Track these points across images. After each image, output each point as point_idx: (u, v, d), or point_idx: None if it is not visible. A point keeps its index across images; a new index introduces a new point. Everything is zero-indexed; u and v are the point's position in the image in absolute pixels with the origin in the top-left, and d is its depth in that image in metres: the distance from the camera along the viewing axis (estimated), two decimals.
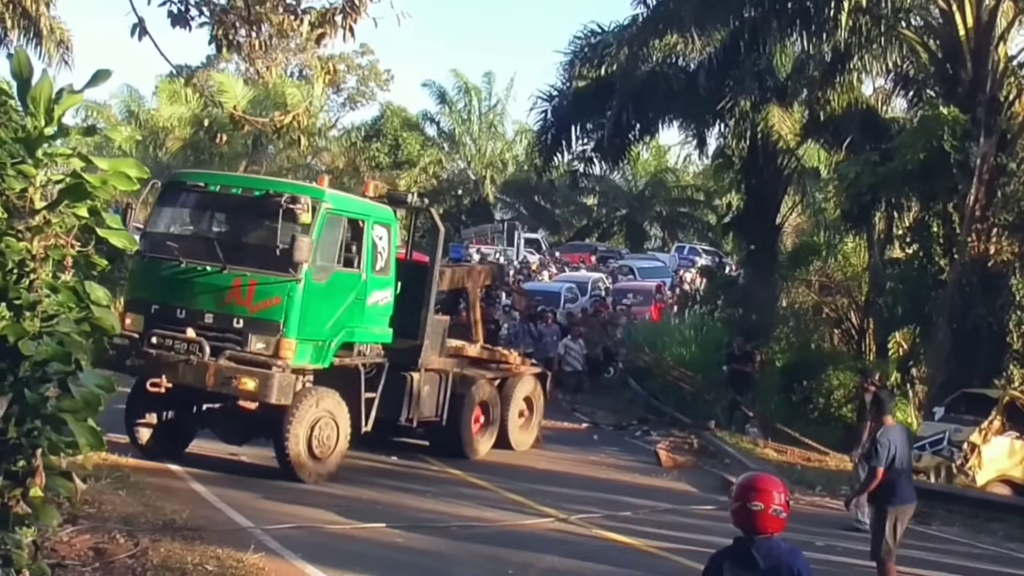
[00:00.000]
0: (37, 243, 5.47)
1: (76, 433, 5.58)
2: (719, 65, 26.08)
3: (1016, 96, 24.20)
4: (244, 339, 13.97)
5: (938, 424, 21.06)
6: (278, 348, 13.88)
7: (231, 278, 14.08)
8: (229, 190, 15.25)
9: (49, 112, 5.42)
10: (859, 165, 25.55)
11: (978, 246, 23.94)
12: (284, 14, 8.54)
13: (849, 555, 14.11)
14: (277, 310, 13.94)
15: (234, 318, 14.03)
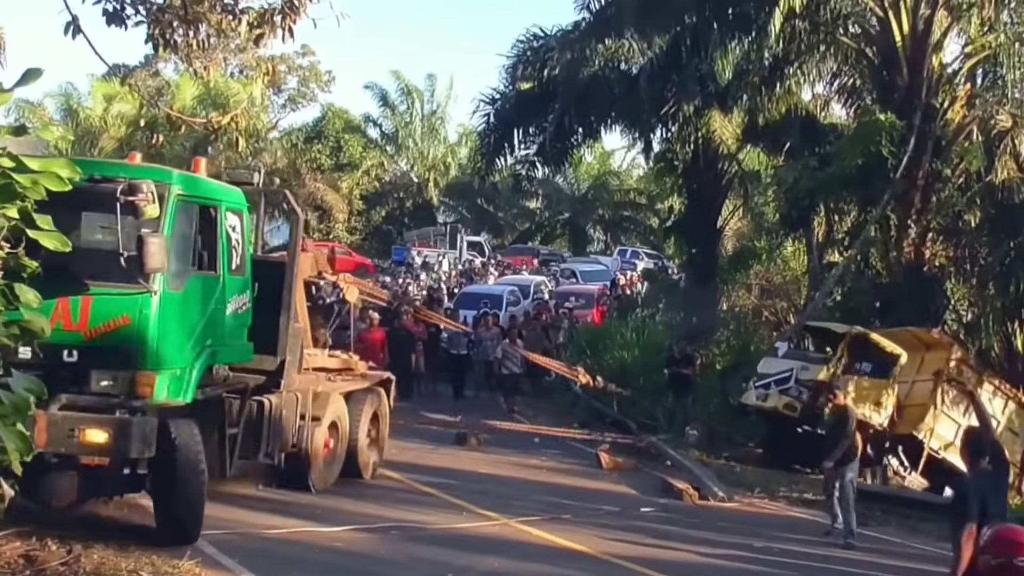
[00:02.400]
0: None
1: (4, 438, 5.50)
2: (661, 70, 26.26)
3: (951, 103, 24.59)
4: (81, 376, 10.35)
5: (783, 361, 21.39)
6: (133, 385, 10.43)
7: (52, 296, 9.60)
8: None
9: None
10: (798, 170, 25.86)
11: (914, 251, 24.32)
12: (222, 14, 8.47)
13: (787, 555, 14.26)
14: (125, 333, 10.38)
15: (63, 349, 10.10)
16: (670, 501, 17.74)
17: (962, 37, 25.44)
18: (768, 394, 21.05)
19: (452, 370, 27.70)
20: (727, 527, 15.87)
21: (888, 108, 24.33)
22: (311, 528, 12.68)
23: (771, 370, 21.48)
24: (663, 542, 14.31)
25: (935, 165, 24.15)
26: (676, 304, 30.29)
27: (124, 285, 10.44)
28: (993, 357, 22.66)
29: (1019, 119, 23.60)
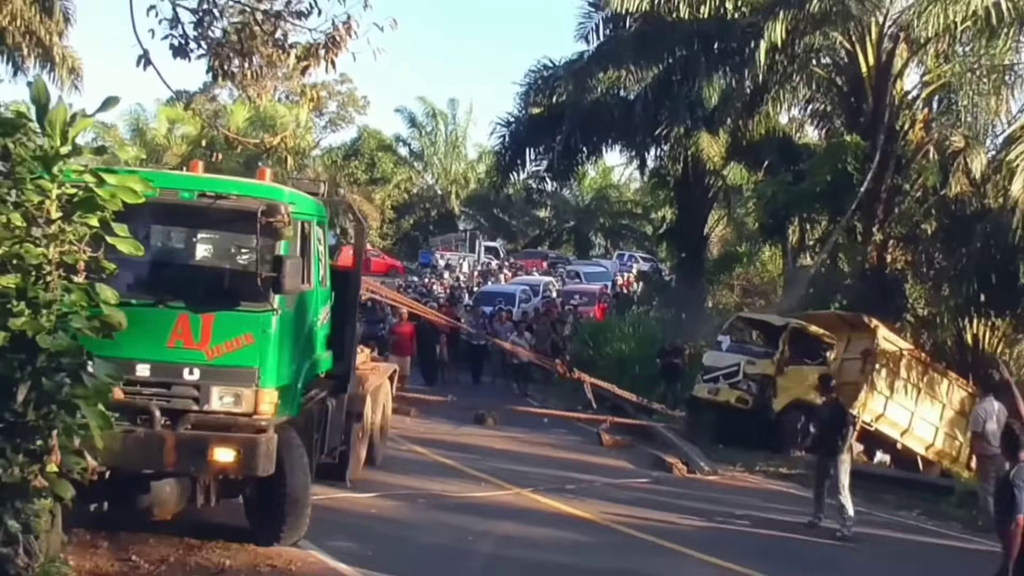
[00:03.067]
0: (53, 249, 5.46)
1: (88, 416, 5.58)
2: (655, 96, 26.22)
3: (910, 126, 24.54)
4: (203, 395, 9.23)
5: (729, 355, 20.83)
6: (255, 402, 9.34)
7: (173, 314, 9.15)
8: (172, 195, 9.24)
9: (64, 134, 5.42)
10: (775, 185, 25.88)
11: (877, 255, 24.29)
12: (273, 48, 8.53)
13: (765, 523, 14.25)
14: (249, 352, 9.27)
15: (184, 368, 9.15)
16: (662, 474, 17.75)
17: (920, 68, 25.37)
18: (719, 388, 20.58)
19: (471, 359, 27.75)
20: (712, 497, 15.87)
21: (855, 130, 24.31)
22: (347, 495, 12.67)
23: (718, 364, 20.96)
24: (656, 510, 14.31)
25: (896, 180, 24.12)
26: (668, 302, 30.23)
27: (248, 304, 9.34)
28: (947, 349, 22.62)
29: (971, 140, 23.52)
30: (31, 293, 5.36)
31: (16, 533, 5.45)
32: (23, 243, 5.37)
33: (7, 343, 5.26)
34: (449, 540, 11.39)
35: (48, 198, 5.39)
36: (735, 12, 24.66)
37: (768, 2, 23.90)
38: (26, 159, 5.31)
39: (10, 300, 5.36)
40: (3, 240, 5.33)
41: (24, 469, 5.45)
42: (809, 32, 23.72)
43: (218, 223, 9.96)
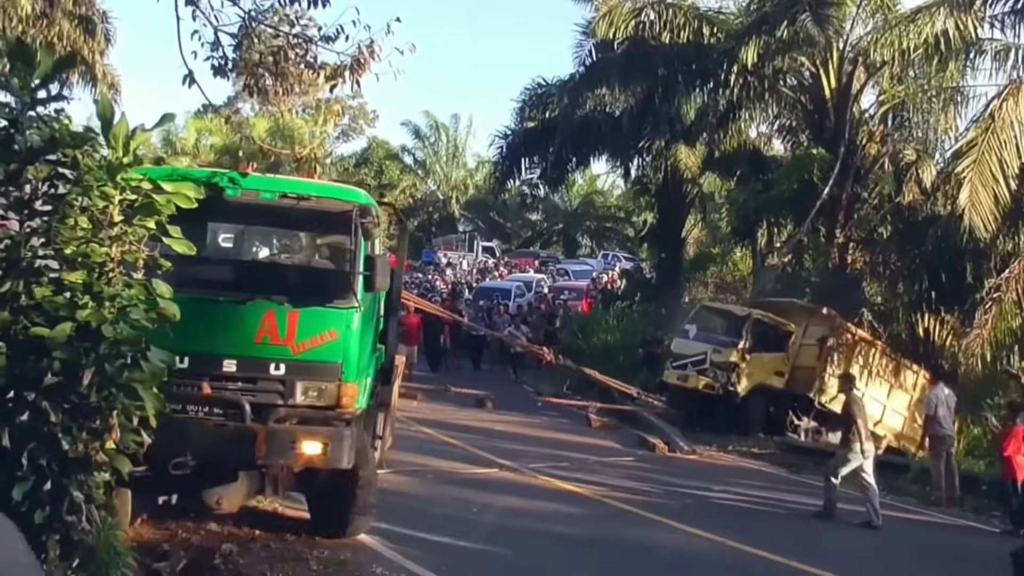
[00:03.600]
0: (115, 248, 5.50)
1: (145, 398, 5.63)
2: (639, 113, 26.27)
3: (868, 140, 24.64)
4: (288, 390, 8.59)
5: (696, 344, 20.62)
6: (339, 396, 8.71)
7: (260, 310, 8.48)
8: (253, 196, 8.77)
9: (126, 146, 5.47)
10: (746, 192, 25.97)
11: (838, 256, 24.38)
12: (305, 69, 8.58)
13: (740, 497, 14.34)
14: (333, 348, 8.62)
15: (271, 363, 8.49)
16: (645, 453, 17.84)
17: (877, 88, 25.45)
18: (688, 375, 20.46)
19: (471, 348, 27.80)
20: (691, 473, 15.97)
21: (818, 144, 24.41)
22: None
23: (686, 352, 20.76)
24: (641, 485, 14.40)
25: (855, 189, 24.21)
26: (648, 297, 30.27)
27: (336, 302, 8.69)
28: (902, 341, 22.73)
29: (922, 154, 23.68)
30: (96, 288, 5.40)
31: (80, 503, 5.48)
32: (89, 243, 5.41)
33: (74, 332, 5.30)
34: (455, 511, 11.44)
35: (111, 203, 5.42)
36: (711, 38, 24.69)
37: (741, 29, 24.00)
38: (92, 168, 5.35)
39: (77, 294, 5.40)
40: (72, 241, 5.37)
41: (87, 445, 5.48)
42: (777, 56, 23.78)
43: (302, 223, 9.56)
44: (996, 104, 18.64)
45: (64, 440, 5.33)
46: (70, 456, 5.40)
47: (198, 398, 8.22)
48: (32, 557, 4.78)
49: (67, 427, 5.39)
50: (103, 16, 24.89)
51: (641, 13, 24.80)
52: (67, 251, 5.42)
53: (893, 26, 22.67)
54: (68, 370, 5.34)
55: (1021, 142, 18.02)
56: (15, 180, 5.31)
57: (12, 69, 5.24)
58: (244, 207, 8.73)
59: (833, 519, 12.93)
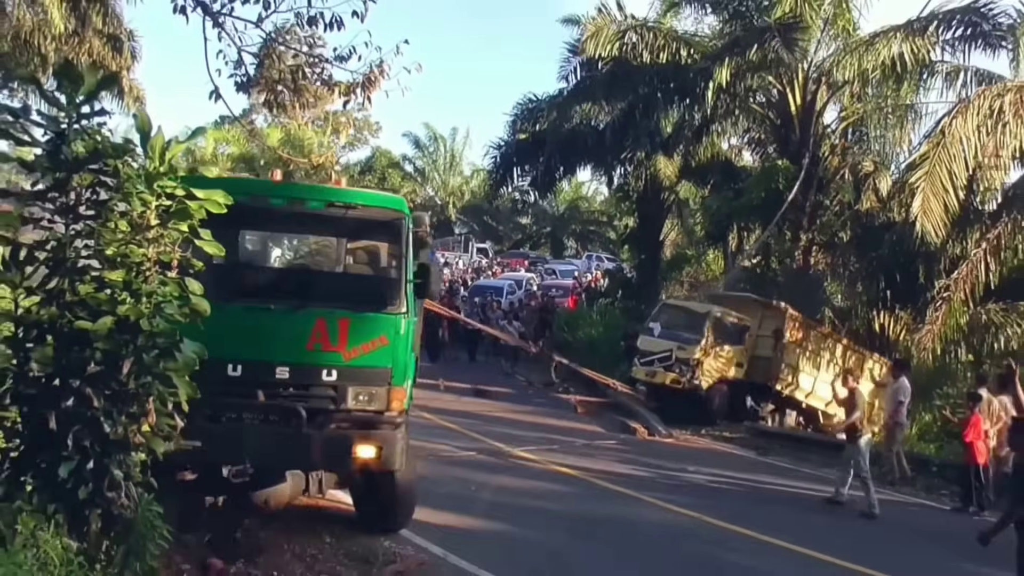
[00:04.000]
0: (152, 250, 5.55)
1: (178, 386, 5.68)
2: (621, 126, 26.25)
3: (830, 153, 24.74)
4: (340, 395, 8.13)
5: (661, 341, 20.41)
6: (388, 400, 8.30)
7: (312, 318, 8.06)
8: (300, 204, 8.42)
9: (162, 156, 5.51)
10: (719, 199, 26.06)
11: (802, 258, 24.49)
12: (322, 86, 8.62)
13: (712, 477, 14.43)
14: (383, 353, 8.23)
15: (323, 369, 8.08)
16: (627, 436, 17.94)
17: (838, 106, 25.52)
18: (655, 371, 20.28)
19: (467, 341, 27.79)
20: (668, 455, 16.06)
21: (784, 156, 24.48)
22: None
23: (652, 348, 20.50)
24: (623, 466, 14.50)
25: (818, 197, 24.30)
26: (629, 295, 30.27)
27: (385, 308, 8.26)
28: (860, 336, 22.85)
29: (879, 165, 23.78)
30: (134, 286, 5.45)
31: (119, 480, 5.53)
32: (128, 245, 5.45)
33: (114, 326, 5.35)
34: (456, 489, 11.53)
35: (148, 208, 5.47)
36: (688, 58, 24.73)
37: (715, 51, 24.05)
38: (132, 177, 5.39)
39: (117, 291, 5.45)
40: (112, 242, 5.42)
41: (126, 428, 5.53)
42: (748, 76, 23.81)
43: (350, 231, 9.04)
44: (946, 121, 18.73)
45: (105, 423, 5.38)
46: (111, 438, 5.45)
47: (254, 406, 7.87)
48: None
49: (108, 411, 5.44)
50: (130, 35, 24.78)
51: (624, 35, 24.82)
52: (108, 252, 5.46)
53: (853, 49, 22.77)
54: (109, 360, 5.40)
55: (968, 156, 18.11)
56: (62, 187, 5.36)
57: (60, 87, 5.29)
58: (292, 216, 8.43)
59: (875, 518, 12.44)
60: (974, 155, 18.24)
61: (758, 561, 9.73)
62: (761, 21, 23.63)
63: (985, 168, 20.16)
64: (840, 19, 23.93)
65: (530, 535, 9.93)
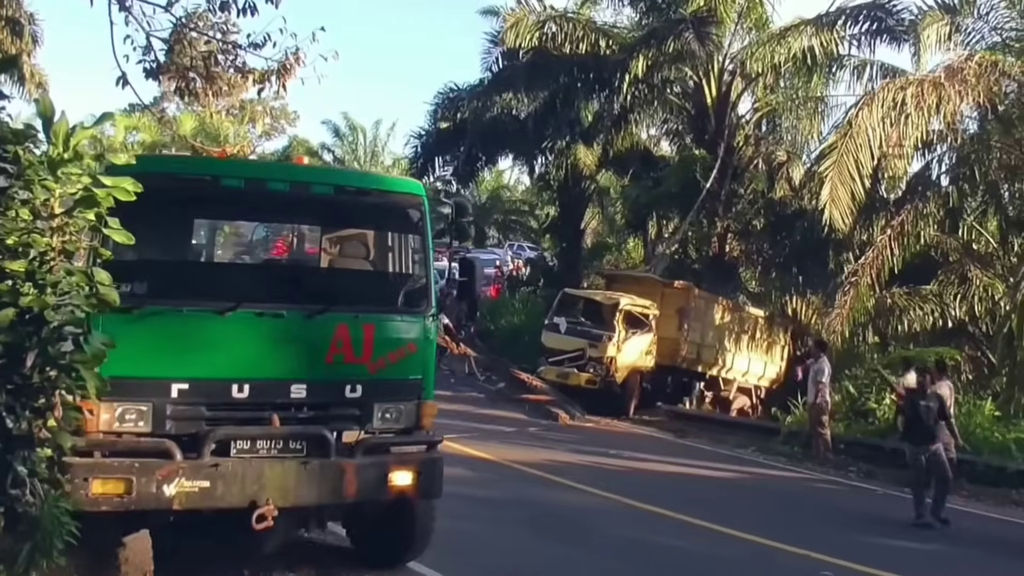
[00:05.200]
0: (56, 239, 5.35)
1: (86, 379, 5.49)
2: (542, 116, 26.39)
3: (744, 143, 25.27)
4: (365, 413, 6.79)
5: (570, 339, 20.03)
6: (419, 416, 7.00)
7: (331, 324, 6.66)
8: (305, 189, 6.90)
9: (66, 142, 5.31)
10: (638, 188, 26.40)
11: (718, 245, 24.99)
12: (235, 73, 8.42)
13: (631, 460, 14.63)
14: (413, 362, 6.97)
15: (345, 385, 6.70)
16: (550, 422, 18.07)
17: (752, 97, 26.10)
18: (567, 372, 19.79)
19: None
20: (590, 440, 16.24)
21: (701, 146, 24.91)
22: None
23: (561, 347, 20.03)
24: (546, 451, 14.60)
25: (733, 186, 24.81)
26: (551, 283, 30.38)
27: (410, 309, 7.05)
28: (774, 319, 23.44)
29: (791, 155, 24.46)
30: (38, 276, 5.24)
31: (23, 477, 5.34)
32: (31, 234, 5.25)
33: (16, 317, 5.15)
34: None
35: (52, 196, 5.27)
36: (607, 49, 24.96)
37: (633, 42, 24.32)
38: (34, 163, 5.19)
39: (18, 281, 5.25)
40: (13, 231, 5.21)
41: (30, 423, 5.34)
42: (665, 67, 24.17)
43: (363, 220, 7.62)
44: (854, 113, 19.25)
45: (8, 419, 5.18)
46: (14, 433, 5.25)
47: (272, 434, 6.47)
48: None
49: (10, 406, 5.23)
50: (30, 18, 23.85)
51: (544, 26, 24.93)
52: (9, 241, 5.23)
53: (766, 42, 23.28)
54: (11, 353, 5.18)
55: (874, 146, 18.65)
56: None
57: None
58: (295, 204, 6.99)
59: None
60: (879, 145, 18.76)
61: (685, 542, 9.89)
62: (677, 14, 23.96)
63: (890, 158, 20.88)
64: (753, 12, 24.46)
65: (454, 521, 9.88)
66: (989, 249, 20.42)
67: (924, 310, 19.00)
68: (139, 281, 6.22)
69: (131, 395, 6.11)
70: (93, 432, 5.94)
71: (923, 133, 19.24)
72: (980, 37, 19.39)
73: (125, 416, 6.19)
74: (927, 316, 18.91)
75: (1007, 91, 18.70)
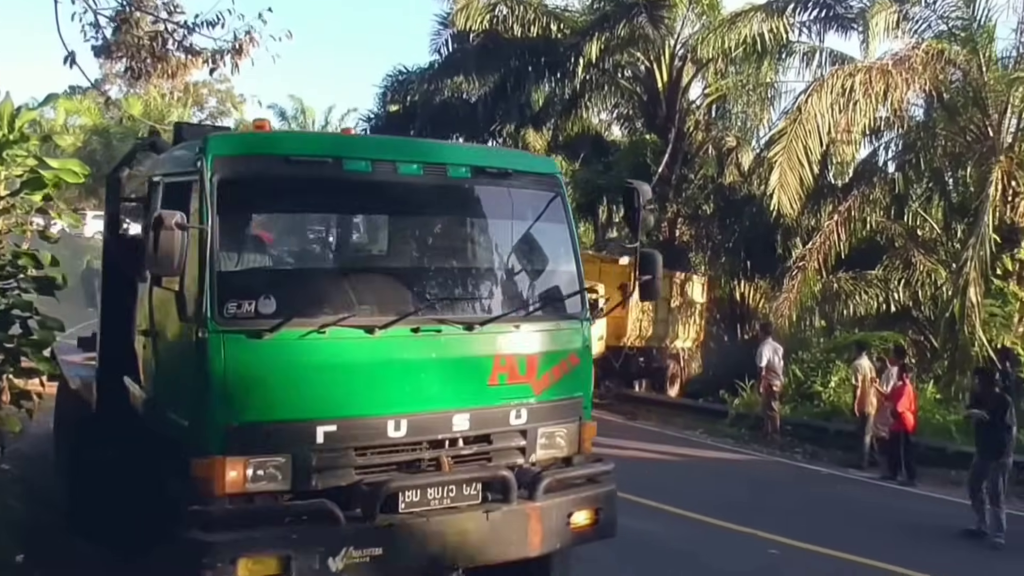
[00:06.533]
0: (2, 221, 5.35)
1: (35, 362, 5.51)
2: (492, 99, 26.43)
3: (694, 128, 25.57)
4: (530, 442, 5.83)
5: None
6: (580, 441, 6.13)
7: (491, 338, 5.66)
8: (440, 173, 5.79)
9: (11, 124, 5.31)
10: (589, 173, 26.53)
11: (668, 230, 25.30)
12: (185, 53, 8.37)
13: None
14: (575, 376, 6.05)
15: (511, 410, 5.71)
16: None
17: (703, 82, 26.39)
18: None
19: None
20: None
21: (651, 131, 25.14)
22: None
23: None
24: None
25: (683, 171, 25.07)
26: None
27: (569, 314, 6.10)
28: (723, 303, 23.85)
29: (741, 141, 24.83)
30: None
31: None
32: None
33: None
34: None
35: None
36: (558, 33, 25.08)
37: (585, 26, 24.47)
38: None
39: None
40: None
41: None
42: (617, 51, 24.33)
43: (501, 209, 6.24)
44: (803, 99, 19.63)
45: None
46: None
47: (444, 481, 5.43)
48: None
49: None
50: None
51: (495, 8, 24.96)
52: None
53: (716, 28, 23.54)
54: None
55: (823, 132, 19.06)
56: None
57: None
58: (429, 190, 5.81)
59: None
60: (828, 132, 19.20)
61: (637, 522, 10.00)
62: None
63: (838, 144, 21.38)
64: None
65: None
66: (933, 235, 20.97)
67: (869, 294, 19.47)
68: (264, 297, 4.97)
69: (265, 445, 4.92)
70: (219, 495, 4.80)
71: (871, 120, 19.75)
72: (927, 25, 19.88)
73: (259, 472, 4.91)
74: (872, 300, 19.39)
75: (952, 79, 19.24)
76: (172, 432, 5.09)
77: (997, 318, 17.39)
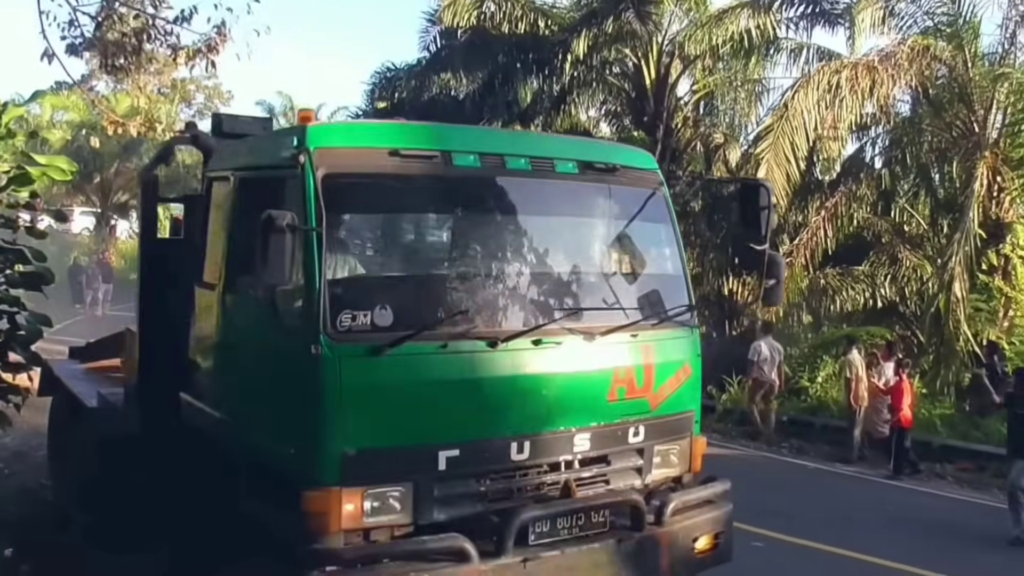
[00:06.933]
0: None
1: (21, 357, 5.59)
2: (480, 96, 26.46)
3: (683, 125, 25.68)
4: (647, 461, 5.57)
5: None
6: (691, 458, 5.90)
7: (610, 350, 5.38)
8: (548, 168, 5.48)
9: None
10: None
11: None
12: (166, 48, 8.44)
13: None
14: (688, 390, 5.81)
15: (629, 427, 5.44)
16: None
17: (691, 79, 26.48)
18: None
19: None
20: None
21: (639, 127, 25.21)
22: None
23: None
24: None
25: (671, 167, 25.13)
26: None
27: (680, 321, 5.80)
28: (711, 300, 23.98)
29: (728, 137, 24.92)
30: None
31: None
32: None
33: None
34: None
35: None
36: (546, 29, 25.17)
37: (573, 22, 24.57)
38: None
39: None
40: None
41: None
42: (605, 48, 24.42)
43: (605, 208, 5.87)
44: (790, 95, 19.80)
45: None
46: None
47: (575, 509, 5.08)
48: None
49: None
50: None
51: (483, 4, 25.04)
52: None
53: (704, 24, 23.66)
54: None
55: (809, 128, 19.23)
56: None
57: None
58: (535, 187, 5.44)
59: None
60: (814, 128, 19.36)
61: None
62: None
63: (824, 140, 21.53)
64: None
65: None
66: (919, 231, 21.15)
67: (856, 290, 19.64)
68: (380, 307, 4.58)
69: (384, 474, 4.52)
70: (335, 532, 4.37)
71: (857, 116, 19.92)
72: (913, 21, 20.07)
73: (377, 504, 4.53)
74: (859, 296, 19.56)
75: (938, 75, 19.43)
76: (262, 458, 4.72)
77: (982, 313, 17.58)
